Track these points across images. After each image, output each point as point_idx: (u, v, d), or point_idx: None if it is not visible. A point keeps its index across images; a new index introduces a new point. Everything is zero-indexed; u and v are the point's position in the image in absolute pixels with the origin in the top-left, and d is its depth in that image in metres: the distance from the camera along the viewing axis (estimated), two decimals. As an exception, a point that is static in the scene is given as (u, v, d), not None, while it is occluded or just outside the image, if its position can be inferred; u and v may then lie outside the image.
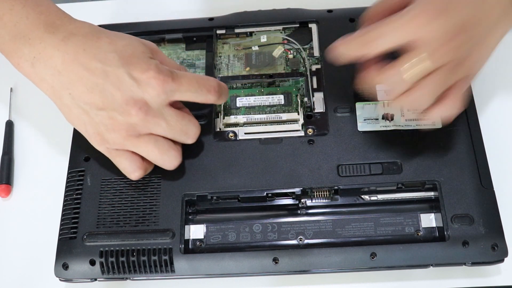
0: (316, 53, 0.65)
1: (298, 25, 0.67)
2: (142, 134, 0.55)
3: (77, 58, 0.53)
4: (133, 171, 0.57)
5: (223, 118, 0.63)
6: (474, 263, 0.55)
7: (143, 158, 0.57)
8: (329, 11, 0.67)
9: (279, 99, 0.63)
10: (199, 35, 0.68)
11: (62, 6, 0.58)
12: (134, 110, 0.53)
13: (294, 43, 0.66)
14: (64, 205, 0.59)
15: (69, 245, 0.57)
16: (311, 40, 0.66)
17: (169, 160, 0.57)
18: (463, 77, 0.52)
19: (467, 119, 0.60)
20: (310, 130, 0.61)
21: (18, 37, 0.54)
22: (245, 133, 0.62)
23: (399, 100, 0.52)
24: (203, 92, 0.56)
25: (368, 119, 0.61)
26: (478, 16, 0.50)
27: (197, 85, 0.55)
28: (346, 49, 0.52)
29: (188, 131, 0.56)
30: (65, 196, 0.60)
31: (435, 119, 0.54)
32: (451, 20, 0.49)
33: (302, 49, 0.66)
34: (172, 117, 0.55)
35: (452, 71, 0.51)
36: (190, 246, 0.58)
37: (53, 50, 0.54)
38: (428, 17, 0.49)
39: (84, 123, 0.55)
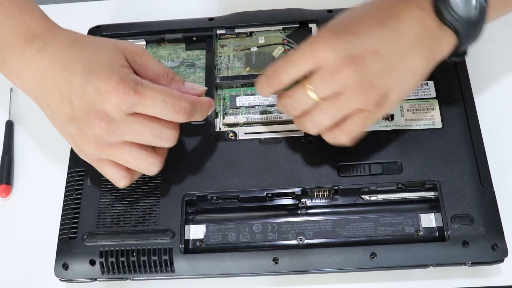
0: (316, 53, 0.65)
1: (298, 25, 0.67)
2: (114, 144, 0.53)
3: (51, 69, 0.53)
4: (119, 181, 0.55)
5: (223, 118, 0.63)
6: (474, 263, 0.55)
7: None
8: (329, 11, 0.67)
9: (279, 99, 0.63)
10: (199, 35, 0.68)
11: (63, 6, 0.58)
12: (96, 123, 0.52)
13: (293, 43, 0.66)
14: (64, 205, 0.59)
15: (69, 245, 0.57)
16: (311, 40, 0.66)
17: (147, 167, 0.55)
18: (374, 103, 0.51)
19: (467, 119, 0.60)
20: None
21: (3, 49, 0.54)
22: (245, 133, 0.62)
23: (297, 122, 0.54)
24: (169, 112, 0.52)
25: (368, 119, 0.61)
26: (382, 45, 0.50)
27: (163, 104, 0.52)
28: (260, 90, 0.54)
29: (162, 134, 0.53)
30: (65, 196, 0.60)
31: (331, 141, 0.54)
32: (346, 49, 0.50)
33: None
34: (141, 125, 0.52)
35: (356, 97, 0.51)
36: (190, 246, 0.58)
37: (31, 61, 0.53)
38: (323, 45, 0.50)
39: (63, 134, 0.55)
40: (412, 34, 0.51)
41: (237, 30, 0.68)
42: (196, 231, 0.58)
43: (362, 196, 0.59)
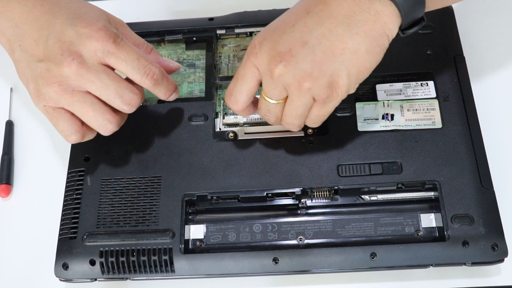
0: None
1: (298, 25, 0.67)
2: (76, 91, 0.54)
3: (33, 11, 0.55)
4: (70, 134, 0.56)
5: (223, 118, 0.63)
6: (474, 263, 0.55)
7: (83, 123, 0.56)
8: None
9: (279, 99, 0.63)
10: (199, 35, 0.68)
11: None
12: (67, 61, 0.53)
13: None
14: (64, 205, 0.59)
15: (69, 245, 0.57)
16: (311, 40, 0.66)
17: (104, 123, 0.55)
18: (323, 92, 0.50)
19: (467, 119, 0.60)
20: (310, 130, 0.61)
21: None
22: (245, 133, 0.62)
23: (282, 124, 0.55)
24: (139, 71, 0.54)
25: (368, 119, 0.61)
26: (309, 34, 0.49)
27: (135, 62, 0.54)
28: (234, 110, 0.56)
29: (124, 94, 0.54)
30: (65, 196, 0.60)
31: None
32: (274, 48, 0.50)
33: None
34: (108, 77, 0.54)
35: (301, 92, 0.50)
36: (190, 246, 0.58)
37: (15, 3, 0.55)
38: (255, 51, 0.51)
39: (27, 78, 0.55)
40: (341, 13, 0.49)
41: (237, 30, 0.68)
42: (196, 231, 0.58)
43: (362, 196, 0.59)
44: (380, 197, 0.59)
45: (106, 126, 0.55)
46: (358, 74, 0.50)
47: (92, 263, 0.56)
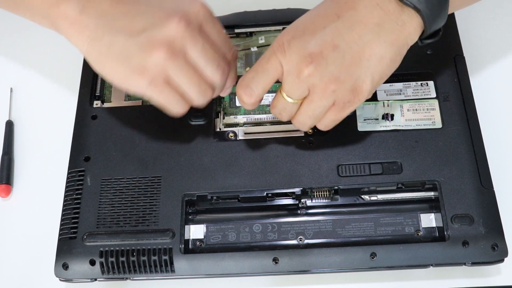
0: (316, 53, 0.65)
1: (298, 25, 0.67)
2: (181, 56, 0.52)
3: None
4: (182, 107, 0.54)
5: (223, 118, 0.63)
6: (474, 263, 0.55)
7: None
8: (329, 11, 0.67)
9: (279, 99, 0.63)
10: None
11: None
12: (176, 20, 0.51)
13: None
14: (64, 205, 0.59)
15: (69, 245, 0.57)
16: (311, 40, 0.66)
17: (205, 89, 0.53)
18: (346, 96, 0.51)
19: (467, 119, 0.60)
20: (310, 130, 0.61)
21: None
22: (245, 133, 0.62)
23: (293, 122, 0.55)
24: (227, 45, 0.54)
25: (368, 119, 0.61)
26: (340, 38, 0.50)
27: (225, 36, 0.54)
28: (242, 105, 0.55)
29: (220, 61, 0.53)
30: (65, 196, 0.60)
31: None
32: (305, 48, 0.50)
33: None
34: (207, 41, 0.53)
35: (325, 94, 0.51)
36: (190, 246, 0.58)
37: None
38: (283, 49, 0.51)
39: (123, 58, 0.52)
40: (371, 21, 0.50)
41: (237, 30, 0.68)
42: (196, 231, 0.58)
43: (362, 196, 0.59)
44: (380, 197, 0.59)
45: (206, 92, 0.54)
46: (379, 80, 0.52)
47: (92, 263, 0.56)
